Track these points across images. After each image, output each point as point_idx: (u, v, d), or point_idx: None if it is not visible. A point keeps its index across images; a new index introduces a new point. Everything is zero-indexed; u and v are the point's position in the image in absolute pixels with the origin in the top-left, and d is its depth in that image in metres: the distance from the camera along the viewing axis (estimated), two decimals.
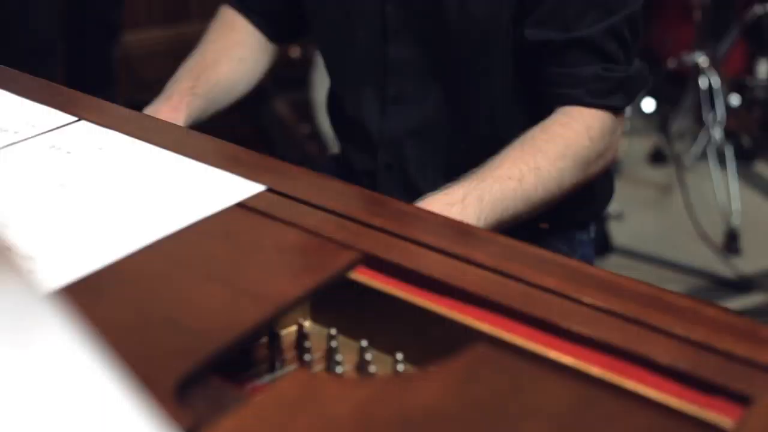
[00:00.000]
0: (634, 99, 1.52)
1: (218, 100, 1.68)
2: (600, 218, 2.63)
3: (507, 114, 1.58)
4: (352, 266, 1.06)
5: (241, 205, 1.16)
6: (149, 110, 1.57)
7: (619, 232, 3.17)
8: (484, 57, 1.53)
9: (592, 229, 1.73)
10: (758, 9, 3.53)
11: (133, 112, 1.46)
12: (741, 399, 0.88)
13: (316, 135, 3.33)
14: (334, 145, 1.81)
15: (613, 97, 1.49)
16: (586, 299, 1.01)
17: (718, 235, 3.15)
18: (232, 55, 1.71)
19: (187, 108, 1.58)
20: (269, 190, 1.19)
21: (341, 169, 1.76)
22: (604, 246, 3.07)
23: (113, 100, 1.47)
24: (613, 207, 3.22)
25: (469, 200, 1.34)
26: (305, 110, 3.41)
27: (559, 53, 1.48)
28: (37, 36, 2.93)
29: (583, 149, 1.45)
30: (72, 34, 3.13)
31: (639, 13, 1.50)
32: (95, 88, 3.11)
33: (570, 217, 1.62)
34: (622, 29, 1.48)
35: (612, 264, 3.04)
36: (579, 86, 1.48)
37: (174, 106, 1.58)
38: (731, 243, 3.14)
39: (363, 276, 1.05)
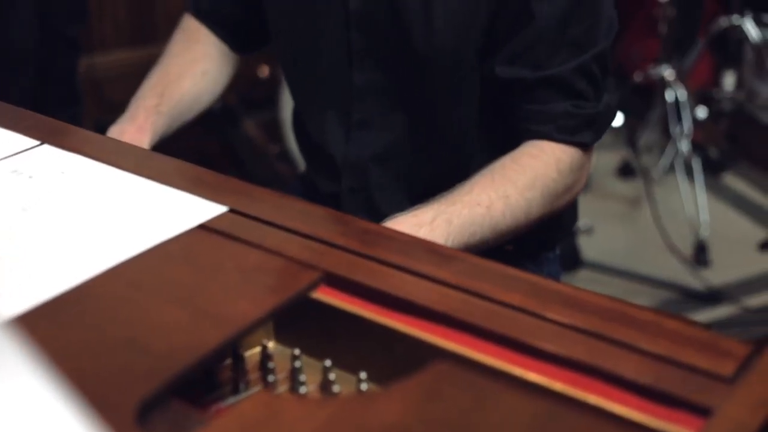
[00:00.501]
0: (602, 135, 1.53)
1: (183, 115, 1.67)
2: (566, 238, 2.64)
3: (472, 142, 1.58)
4: (314, 286, 1.06)
5: (203, 227, 1.16)
6: (115, 129, 1.57)
7: (588, 247, 3.18)
8: (450, 86, 1.53)
9: (558, 247, 1.74)
10: (723, 21, 3.56)
11: (96, 135, 1.46)
12: (702, 411, 0.88)
13: (285, 155, 3.33)
14: (302, 165, 1.81)
15: (582, 133, 1.50)
16: (550, 315, 1.01)
17: (687, 248, 3.17)
18: (195, 69, 1.70)
19: (153, 127, 1.58)
20: (232, 210, 1.19)
21: (307, 189, 1.75)
22: (573, 260, 3.08)
23: (78, 120, 1.47)
24: (582, 221, 3.23)
25: (438, 222, 1.34)
26: (274, 130, 3.41)
27: (529, 90, 1.49)
28: (15, 46, 2.92)
29: (552, 182, 1.46)
30: (36, 54, 3.12)
31: (608, 50, 1.51)
32: (58, 106, 3.10)
33: (535, 239, 1.62)
34: (592, 67, 1.49)
35: (582, 278, 3.05)
36: (549, 123, 1.48)
37: (140, 125, 1.57)
38: (700, 255, 3.15)
39: (326, 295, 1.05)
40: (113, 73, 3.63)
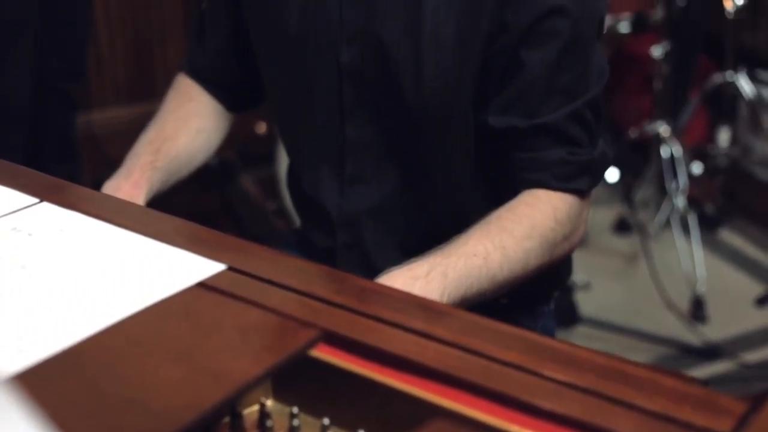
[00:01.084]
0: (599, 181, 1.53)
1: (178, 172, 1.69)
2: (562, 290, 2.64)
3: (467, 193, 1.59)
4: (312, 344, 1.06)
5: (202, 285, 1.16)
6: (111, 185, 1.58)
7: (585, 302, 3.18)
8: (444, 138, 1.54)
9: (552, 301, 1.74)
10: (717, 78, 3.58)
11: (95, 192, 1.47)
12: None
13: (282, 211, 3.34)
14: (299, 221, 1.81)
15: (578, 180, 1.50)
16: (547, 372, 1.01)
17: (684, 303, 3.16)
18: (190, 126, 1.72)
19: (148, 183, 1.59)
20: (230, 268, 1.20)
21: (302, 244, 1.76)
22: (571, 316, 3.07)
23: (76, 176, 1.48)
24: (579, 277, 3.23)
25: (433, 275, 1.34)
26: (272, 186, 3.42)
27: (523, 138, 1.49)
28: (9, 103, 2.94)
29: (550, 231, 1.46)
30: (34, 109, 3.13)
31: (600, 96, 1.51)
32: (55, 162, 3.11)
33: (530, 292, 1.62)
34: (585, 113, 1.49)
35: (579, 334, 3.04)
36: (544, 170, 1.48)
37: (135, 181, 1.59)
38: (697, 311, 3.15)
39: (324, 353, 1.06)
40: (112, 130, 3.65)
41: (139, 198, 1.56)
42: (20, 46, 2.90)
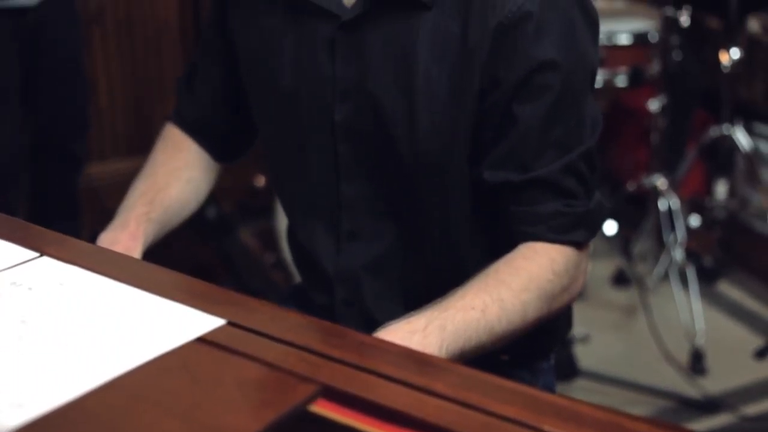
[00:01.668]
0: (596, 232, 1.53)
1: (171, 222, 1.70)
2: (561, 343, 2.64)
3: (466, 247, 1.59)
4: (312, 399, 1.06)
5: (201, 339, 1.16)
6: (107, 237, 1.59)
7: (584, 356, 3.17)
8: (440, 193, 1.54)
9: (552, 356, 1.74)
10: (714, 131, 3.61)
11: (95, 246, 1.47)
12: None
13: (281, 264, 3.34)
14: (298, 276, 1.81)
15: (575, 232, 1.50)
16: (547, 428, 1.01)
17: (683, 356, 3.16)
18: (181, 176, 1.73)
19: (144, 234, 1.61)
20: (229, 323, 1.20)
21: (301, 300, 1.76)
22: (570, 370, 3.07)
23: (77, 232, 1.48)
24: (578, 330, 3.23)
25: (431, 329, 1.34)
26: (270, 239, 3.43)
27: (518, 192, 1.49)
28: (1, 161, 2.95)
29: (547, 283, 1.46)
30: (35, 164, 3.15)
31: (594, 147, 1.52)
32: (58, 220, 3.12)
33: (530, 348, 1.62)
34: (579, 165, 1.49)
35: (578, 388, 3.04)
36: (540, 223, 1.49)
37: (132, 233, 1.59)
38: (696, 363, 3.15)
39: (323, 409, 1.05)
40: (111, 182, 3.66)
41: (137, 250, 1.57)
42: (5, 110, 2.92)
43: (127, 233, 1.59)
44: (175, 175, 1.72)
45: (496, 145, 1.49)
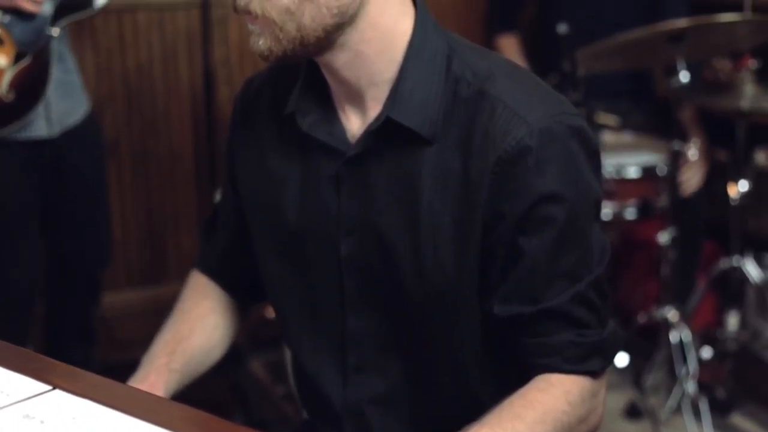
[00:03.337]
0: (611, 361, 1.53)
1: (195, 370, 1.71)
2: None
3: (475, 379, 1.59)
4: None
5: None
6: None
7: None
8: (447, 327, 1.54)
9: None
10: (724, 263, 3.61)
11: (107, 380, 1.47)
12: None
13: (291, 396, 3.32)
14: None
15: (589, 361, 1.50)
16: None
17: None
18: (205, 324, 1.74)
19: (165, 384, 1.62)
20: None
21: None
22: None
23: (91, 358, 1.49)
24: None
25: None
26: (280, 370, 3.41)
27: (530, 324, 1.50)
28: (16, 286, 2.96)
29: (563, 414, 1.45)
30: (55, 292, 3.16)
31: (603, 276, 1.52)
32: (74, 347, 3.12)
33: None
34: (589, 294, 1.50)
35: None
36: (554, 355, 1.49)
37: (152, 384, 1.61)
38: None
39: None
40: (123, 313, 3.67)
41: None
42: (23, 243, 2.95)
43: (147, 384, 1.61)
44: (200, 322, 1.74)
45: (504, 278, 1.50)
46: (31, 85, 2.80)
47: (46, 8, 2.78)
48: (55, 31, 2.82)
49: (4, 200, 2.89)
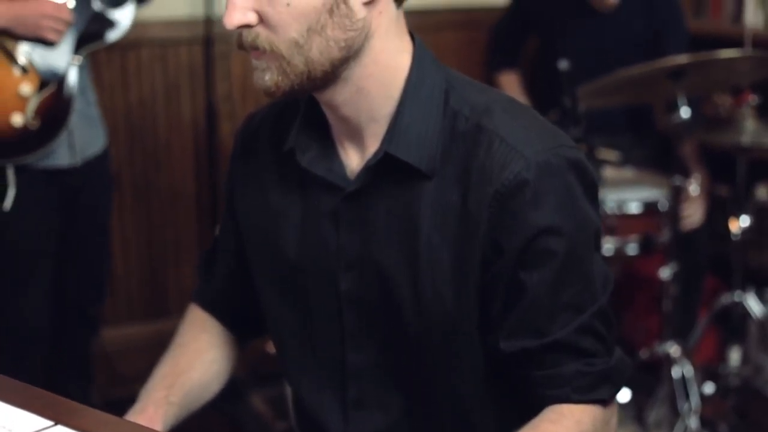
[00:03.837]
0: (621, 388, 1.53)
1: (193, 404, 1.71)
2: None
3: (476, 414, 1.58)
4: None
5: None
6: None
7: None
8: (448, 361, 1.54)
9: None
10: (726, 298, 3.61)
11: (109, 416, 1.47)
12: None
13: (292, 431, 3.31)
14: None
15: (599, 390, 1.49)
16: None
17: None
18: (204, 358, 1.74)
19: (163, 417, 1.61)
20: None
21: None
22: None
23: (89, 394, 1.49)
24: None
25: None
26: (281, 405, 3.40)
27: (537, 357, 1.49)
28: (27, 324, 2.97)
29: None
30: (53, 328, 3.16)
31: (607, 305, 1.52)
32: (74, 381, 3.12)
33: None
34: (595, 324, 1.50)
35: None
36: (563, 385, 1.48)
37: (150, 417, 1.61)
38: None
39: None
40: (124, 347, 3.67)
41: None
42: (39, 272, 2.95)
43: (145, 418, 1.60)
44: (198, 356, 1.74)
45: (507, 313, 1.49)
46: (55, 114, 2.82)
47: (68, 38, 2.81)
48: (77, 59, 2.85)
49: (25, 228, 2.90)
